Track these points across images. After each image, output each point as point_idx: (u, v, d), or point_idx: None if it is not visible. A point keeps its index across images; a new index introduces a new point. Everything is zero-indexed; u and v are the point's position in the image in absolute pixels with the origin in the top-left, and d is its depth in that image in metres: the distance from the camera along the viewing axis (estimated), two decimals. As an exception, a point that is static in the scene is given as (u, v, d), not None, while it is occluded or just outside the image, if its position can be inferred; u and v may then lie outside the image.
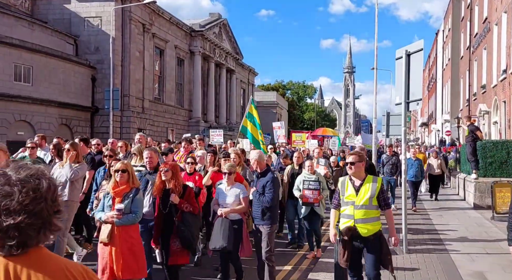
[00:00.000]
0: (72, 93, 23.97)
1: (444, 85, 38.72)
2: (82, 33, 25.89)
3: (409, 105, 7.41)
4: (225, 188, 5.54)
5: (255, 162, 5.58)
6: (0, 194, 1.25)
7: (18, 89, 20.64)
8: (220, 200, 5.54)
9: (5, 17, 21.73)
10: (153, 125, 29.39)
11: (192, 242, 5.00)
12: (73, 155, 6.12)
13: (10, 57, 20.24)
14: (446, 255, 6.97)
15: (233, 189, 5.50)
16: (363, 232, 4.36)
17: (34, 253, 1.31)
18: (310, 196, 7.06)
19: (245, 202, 5.47)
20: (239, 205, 5.41)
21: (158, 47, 30.87)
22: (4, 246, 1.26)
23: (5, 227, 1.24)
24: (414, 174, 12.00)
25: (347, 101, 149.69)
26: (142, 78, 28.28)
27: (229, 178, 5.49)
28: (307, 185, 7.07)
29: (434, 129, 43.93)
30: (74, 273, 1.35)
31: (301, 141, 18.53)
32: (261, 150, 8.41)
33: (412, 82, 7.29)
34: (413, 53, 7.25)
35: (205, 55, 36.84)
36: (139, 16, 27.48)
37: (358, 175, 4.49)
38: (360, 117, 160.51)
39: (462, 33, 30.61)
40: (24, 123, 20.98)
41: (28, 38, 21.56)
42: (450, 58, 34.91)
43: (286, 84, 78.98)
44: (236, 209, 5.42)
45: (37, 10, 26.31)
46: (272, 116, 48.41)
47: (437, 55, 44.66)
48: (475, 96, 25.25)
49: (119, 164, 4.75)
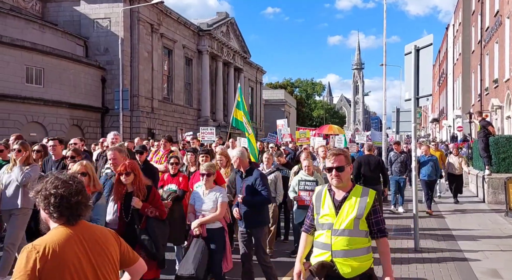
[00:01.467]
0: (83, 94, 24.20)
1: (455, 80, 38.29)
2: (91, 35, 26.11)
3: (419, 101, 7.33)
4: (203, 192, 4.89)
5: (237, 160, 5.08)
6: (64, 186, 2.06)
7: (30, 90, 20.90)
8: (196, 206, 4.89)
9: (17, 20, 21.99)
10: (163, 125, 29.53)
11: (156, 253, 4.27)
12: (24, 156, 5.36)
13: (22, 59, 20.49)
14: (459, 252, 6.89)
15: (212, 193, 4.83)
16: (345, 271, 2.93)
17: (83, 223, 2.13)
18: (306, 198, 6.31)
19: (221, 208, 4.81)
20: (216, 211, 4.79)
21: (167, 47, 30.99)
22: (69, 218, 2.05)
23: (73, 203, 2.04)
24: (428, 173, 10.80)
25: (356, 98, 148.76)
26: (151, 78, 28.43)
27: (207, 180, 4.81)
28: (303, 186, 6.44)
29: (445, 125, 43.50)
30: (110, 232, 2.28)
31: (305, 138, 17.72)
32: (243, 148, 7.90)
33: (421, 78, 7.21)
34: (423, 48, 7.17)
35: (213, 54, 36.90)
36: (147, 16, 27.61)
37: (343, 185, 3.07)
38: (369, 114, 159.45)
39: (473, 27, 30.23)
40: (36, 124, 21.22)
41: (39, 41, 21.80)
42: (461, 53, 34.52)
43: (294, 82, 78.86)
44: (208, 218, 4.76)
45: (47, 12, 26.59)
46: (281, 114, 48.31)
47: (448, 49, 44.17)
48: (487, 90, 24.94)
49: (77, 166, 4.15)
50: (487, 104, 24.37)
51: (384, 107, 15.89)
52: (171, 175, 5.89)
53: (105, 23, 25.98)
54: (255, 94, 49.84)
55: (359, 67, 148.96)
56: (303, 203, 6.32)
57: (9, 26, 21.23)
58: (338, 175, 3.03)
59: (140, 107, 26.78)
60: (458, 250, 7.04)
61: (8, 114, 19.68)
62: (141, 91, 27.10)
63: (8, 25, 21.29)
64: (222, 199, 4.81)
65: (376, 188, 8.41)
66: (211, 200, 4.81)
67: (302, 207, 6.33)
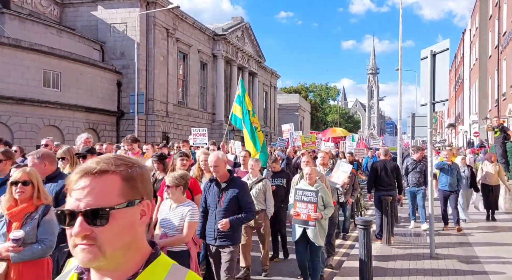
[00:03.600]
0: (99, 98, 24.55)
1: (472, 85, 37.77)
2: (108, 39, 26.51)
3: (435, 106, 7.26)
4: (170, 206, 4.11)
5: (216, 168, 4.46)
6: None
7: (47, 94, 21.28)
8: (160, 221, 4.12)
9: (35, 25, 22.47)
10: (177, 129, 29.75)
11: None
12: None
13: (40, 63, 20.89)
14: (475, 260, 6.77)
15: (180, 209, 4.03)
16: None
17: None
18: (303, 210, 5.27)
19: (189, 230, 3.95)
20: (183, 232, 3.96)
21: (182, 51, 31.26)
22: None
23: None
24: (449, 182, 9.25)
25: (371, 103, 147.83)
26: (166, 82, 28.70)
27: (172, 193, 4.03)
28: (300, 196, 5.33)
29: (461, 131, 42.89)
30: None
31: (311, 142, 16.35)
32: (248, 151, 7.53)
33: (438, 83, 7.14)
34: (439, 53, 7.11)
35: (227, 58, 37.08)
36: (163, 21, 27.92)
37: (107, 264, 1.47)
38: (384, 119, 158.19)
39: (490, 31, 29.82)
40: (53, 128, 21.57)
41: (56, 45, 22.22)
42: (478, 58, 34.05)
43: (308, 87, 78.72)
44: (170, 241, 3.95)
45: (65, 17, 27.13)
46: (295, 119, 48.24)
47: (464, 54, 43.64)
48: (504, 95, 24.53)
49: (18, 173, 3.28)
50: (504, 109, 23.95)
51: (400, 112, 15.72)
52: None
53: (122, 28, 26.37)
54: (270, 99, 49.86)
55: (374, 71, 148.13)
56: (299, 216, 5.32)
57: (28, 31, 21.71)
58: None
59: (155, 111, 27.03)
60: (474, 256, 6.92)
61: (26, 117, 20.06)
62: (156, 95, 27.37)
63: (27, 29, 21.77)
64: (190, 218, 3.96)
65: (392, 194, 8.32)
66: (178, 217, 3.97)
67: (298, 222, 5.38)
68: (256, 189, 6.16)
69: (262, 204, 6.16)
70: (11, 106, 19.49)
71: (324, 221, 5.41)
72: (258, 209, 5.91)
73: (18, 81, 19.78)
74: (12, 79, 19.57)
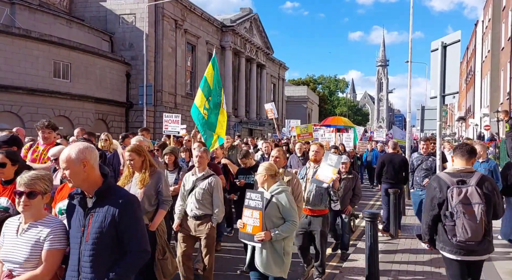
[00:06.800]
0: (108, 89, 24.68)
1: (483, 78, 37.29)
2: (117, 30, 26.57)
3: (444, 99, 7.18)
4: (17, 229, 2.57)
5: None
6: None
7: (57, 85, 21.44)
8: (3, 254, 2.63)
9: (45, 16, 22.58)
10: (185, 120, 29.79)
11: None
12: None
13: (50, 54, 21.03)
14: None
15: (33, 231, 2.53)
16: None
17: None
18: (248, 220, 3.76)
19: (47, 263, 2.46)
20: (39, 266, 2.46)
21: (190, 42, 31.24)
22: None
23: None
24: None
25: (380, 95, 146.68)
26: (175, 73, 28.74)
27: (24, 205, 2.51)
28: (248, 199, 3.81)
29: (472, 124, 42.45)
30: None
31: (307, 133, 14.38)
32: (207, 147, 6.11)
33: (448, 75, 7.06)
34: (450, 45, 7.02)
35: (236, 50, 36.97)
36: (171, 12, 27.89)
37: None
38: (393, 112, 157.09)
39: (503, 23, 29.34)
40: (63, 118, 21.76)
41: (66, 36, 22.33)
42: (490, 50, 33.56)
43: (317, 79, 78.34)
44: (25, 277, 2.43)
45: (74, 8, 27.23)
46: (303, 111, 48.14)
47: (476, 46, 43.02)
48: (517, 89, 24.20)
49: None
50: (516, 102, 23.65)
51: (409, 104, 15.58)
52: (2, 183, 3.52)
53: (130, 19, 26.40)
54: (278, 91, 49.73)
55: (384, 63, 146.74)
56: (244, 229, 3.81)
57: (37, 22, 21.82)
58: None
59: (164, 102, 27.12)
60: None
61: (37, 108, 20.24)
62: (165, 87, 27.44)
63: (36, 20, 21.88)
64: (49, 245, 2.48)
65: (399, 188, 8.28)
66: (28, 245, 2.48)
67: (244, 237, 3.86)
68: (200, 188, 4.89)
69: (207, 208, 4.89)
70: (22, 96, 19.68)
71: (279, 244, 3.72)
72: (201, 214, 4.89)
73: (28, 72, 19.94)
74: (23, 69, 19.73)
